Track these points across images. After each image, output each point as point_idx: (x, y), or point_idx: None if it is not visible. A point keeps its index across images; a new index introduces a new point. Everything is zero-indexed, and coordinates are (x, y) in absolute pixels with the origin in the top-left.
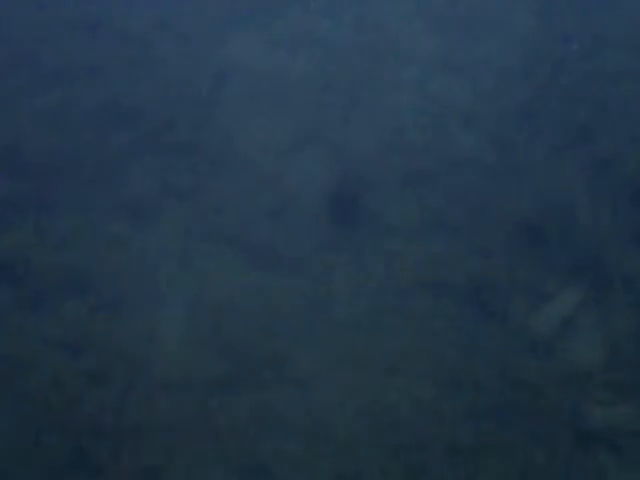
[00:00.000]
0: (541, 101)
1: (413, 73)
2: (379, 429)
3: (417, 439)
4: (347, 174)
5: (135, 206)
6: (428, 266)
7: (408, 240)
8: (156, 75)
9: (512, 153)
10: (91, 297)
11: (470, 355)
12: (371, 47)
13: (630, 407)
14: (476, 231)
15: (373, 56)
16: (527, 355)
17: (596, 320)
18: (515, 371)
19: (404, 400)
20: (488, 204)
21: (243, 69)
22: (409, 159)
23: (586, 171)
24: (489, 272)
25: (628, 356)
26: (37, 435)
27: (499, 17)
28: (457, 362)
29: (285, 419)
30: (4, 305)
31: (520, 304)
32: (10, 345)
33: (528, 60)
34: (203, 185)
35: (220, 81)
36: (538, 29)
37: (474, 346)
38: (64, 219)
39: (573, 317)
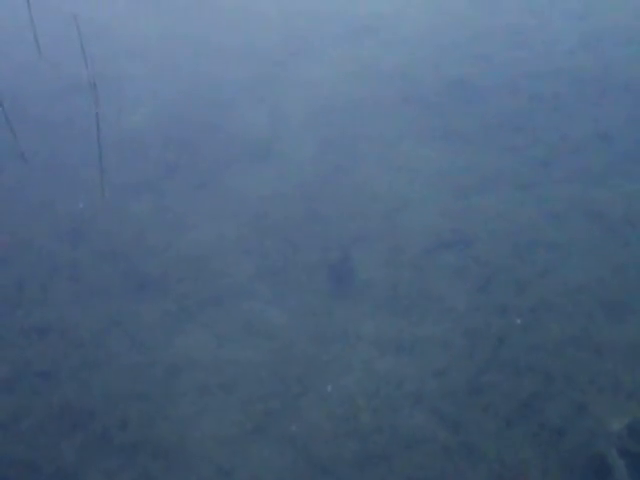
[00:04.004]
0: (487, 376)
1: (361, 355)
2: None
3: None
4: (304, 461)
5: None
6: None
7: None
8: (106, 375)
9: (464, 430)
10: None
11: None
12: (318, 332)
13: None
14: None
15: (321, 341)
16: None
17: None
18: None
19: None
20: None
21: (193, 363)
22: (363, 443)
23: (538, 442)
24: None
25: None
26: None
27: (440, 294)
28: None
29: None
30: None
31: None
32: None
33: (471, 336)
34: None
35: (170, 376)
36: (478, 303)
37: None
38: None
39: None
